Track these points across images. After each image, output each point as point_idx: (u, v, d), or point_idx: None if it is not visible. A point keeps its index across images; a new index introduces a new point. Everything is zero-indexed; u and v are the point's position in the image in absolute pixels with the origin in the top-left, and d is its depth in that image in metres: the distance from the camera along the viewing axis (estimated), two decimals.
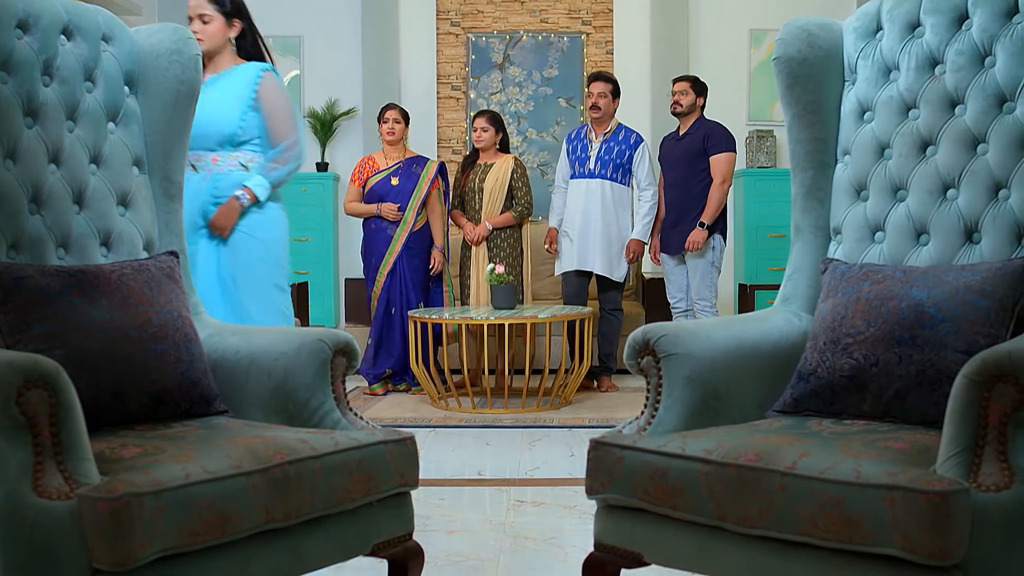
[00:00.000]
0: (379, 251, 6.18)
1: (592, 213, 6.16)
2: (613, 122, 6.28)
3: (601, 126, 6.26)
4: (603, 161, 6.17)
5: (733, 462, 1.93)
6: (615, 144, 6.19)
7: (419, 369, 5.64)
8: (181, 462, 1.88)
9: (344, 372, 2.44)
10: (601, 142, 6.21)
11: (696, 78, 6.22)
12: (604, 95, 6.20)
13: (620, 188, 6.20)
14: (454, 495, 3.82)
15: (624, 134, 6.25)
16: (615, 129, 6.26)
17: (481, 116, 6.41)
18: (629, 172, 6.23)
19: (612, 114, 6.28)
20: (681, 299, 6.19)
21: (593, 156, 6.20)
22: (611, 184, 6.16)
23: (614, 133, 6.24)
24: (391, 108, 6.37)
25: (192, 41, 2.67)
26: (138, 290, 2.29)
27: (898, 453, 1.89)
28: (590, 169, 6.19)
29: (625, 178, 6.22)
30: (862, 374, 2.20)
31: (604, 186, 6.15)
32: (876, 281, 2.28)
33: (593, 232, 6.15)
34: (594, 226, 6.15)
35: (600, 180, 6.16)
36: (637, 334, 2.35)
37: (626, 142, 6.21)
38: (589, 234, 6.16)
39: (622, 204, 6.21)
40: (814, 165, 2.63)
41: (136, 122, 2.63)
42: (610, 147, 6.18)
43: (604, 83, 6.24)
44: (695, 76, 6.30)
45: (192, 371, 2.32)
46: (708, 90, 6.27)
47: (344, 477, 2.08)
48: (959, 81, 2.43)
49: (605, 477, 2.12)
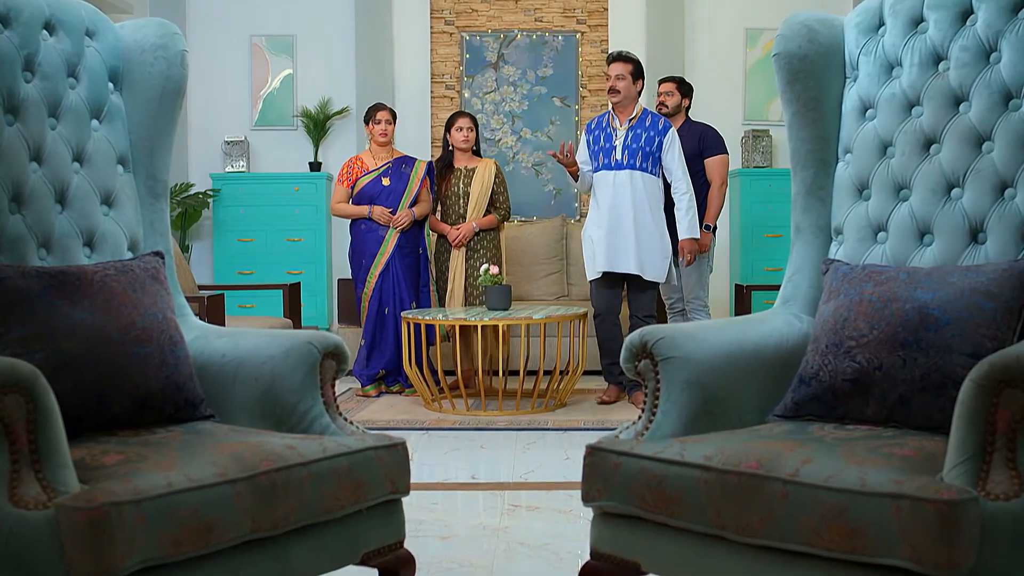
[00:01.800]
0: (371, 252, 6.11)
1: (623, 208, 5.51)
2: (638, 107, 5.63)
3: (624, 112, 5.61)
4: (631, 150, 5.53)
5: (733, 469, 1.88)
6: (642, 131, 5.56)
7: (412, 370, 5.58)
8: (164, 470, 1.82)
9: (334, 376, 2.38)
10: (627, 129, 5.57)
11: (681, 79, 6.16)
12: (623, 77, 5.56)
13: (651, 179, 5.55)
14: (447, 499, 3.76)
15: (651, 120, 5.61)
16: (641, 114, 5.61)
17: (465, 116, 6.28)
18: (659, 161, 5.58)
19: (635, 97, 5.62)
20: (677, 299, 6.13)
21: (619, 145, 5.56)
22: (642, 175, 5.52)
23: (640, 119, 5.59)
24: (382, 108, 6.27)
25: (178, 36, 2.61)
26: (121, 291, 2.23)
27: (904, 460, 1.83)
28: (617, 160, 5.55)
29: (655, 168, 5.57)
30: (865, 378, 2.14)
31: (635, 177, 5.51)
32: (879, 282, 2.23)
33: (625, 229, 5.50)
34: (626, 222, 5.50)
35: (630, 171, 5.51)
36: (634, 337, 2.29)
37: (654, 128, 5.58)
38: (621, 231, 5.51)
39: (655, 196, 5.57)
40: (815, 164, 2.58)
41: (120, 119, 2.57)
42: (637, 134, 5.55)
43: (623, 63, 5.59)
44: (680, 77, 6.22)
45: (177, 375, 2.26)
46: (694, 91, 6.22)
47: (333, 484, 2.02)
48: (963, 78, 2.38)
49: (601, 484, 2.07)
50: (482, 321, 5.27)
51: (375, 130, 6.19)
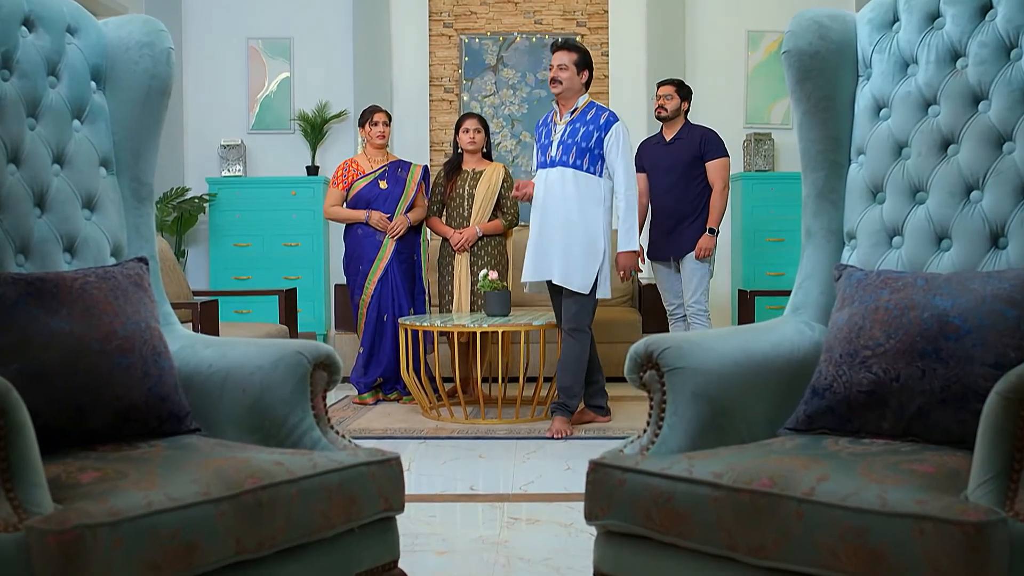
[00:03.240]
0: (368, 257, 5.99)
1: (551, 209, 5.01)
2: (582, 100, 5.09)
3: (567, 105, 5.08)
4: (565, 146, 5.01)
5: (745, 487, 1.78)
6: (581, 125, 5.02)
7: (410, 377, 5.47)
8: (143, 488, 1.73)
9: (325, 387, 2.28)
10: (566, 124, 5.06)
11: (681, 81, 6.02)
12: (565, 67, 5.02)
13: (587, 177, 4.98)
14: (445, 512, 3.66)
15: (595, 113, 5.05)
16: (584, 108, 5.07)
17: (472, 118, 6.15)
18: (600, 159, 5.01)
19: (579, 90, 5.07)
20: (679, 305, 6.02)
21: (555, 140, 5.06)
22: (575, 172, 4.96)
23: (582, 113, 5.05)
24: (379, 111, 6.13)
25: (164, 33, 2.51)
26: (102, 299, 2.13)
27: (925, 478, 1.73)
28: (552, 156, 5.04)
29: (594, 166, 4.99)
30: (882, 389, 2.04)
31: (566, 175, 4.97)
32: (896, 289, 2.13)
33: (549, 231, 5.01)
34: (551, 223, 5.01)
35: (561, 168, 4.99)
36: (639, 346, 2.19)
37: (595, 122, 5.01)
38: (545, 235, 5.03)
39: (590, 197, 4.99)
40: (826, 165, 2.48)
41: (104, 119, 2.47)
42: (575, 128, 5.01)
43: (567, 52, 5.05)
44: (680, 80, 6.10)
45: (160, 386, 2.16)
46: (693, 94, 6.10)
47: (323, 502, 1.93)
48: (983, 75, 2.28)
49: (605, 501, 1.97)
50: (481, 328, 5.17)
51: (372, 132, 6.06)
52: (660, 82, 6.07)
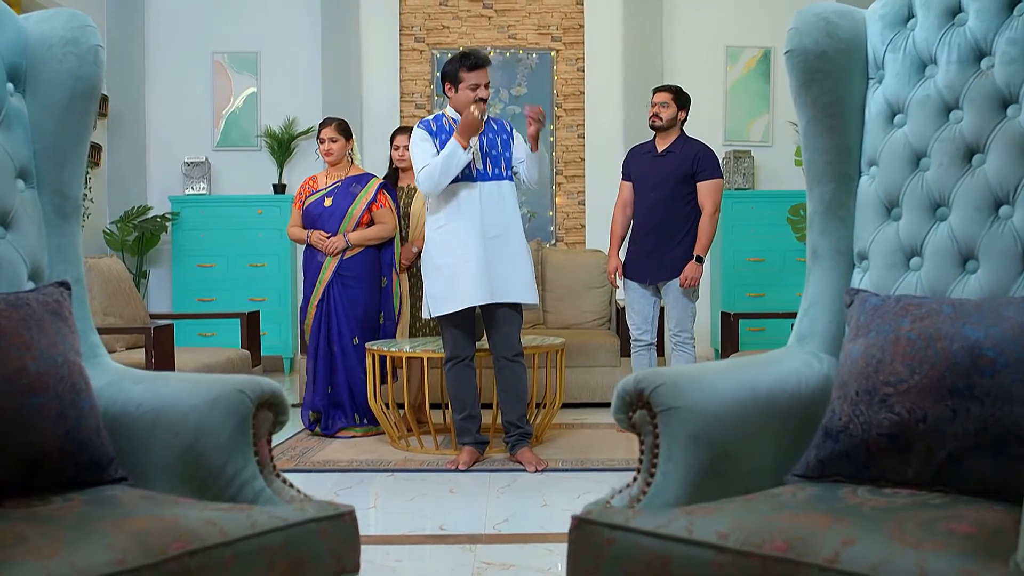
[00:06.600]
0: (311, 280, 5.61)
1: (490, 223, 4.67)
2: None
3: None
4: (492, 157, 4.72)
5: (756, 551, 1.52)
6: (495, 135, 4.76)
7: (377, 404, 5.16)
8: (43, 558, 1.45)
9: (270, 430, 2.00)
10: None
11: (679, 88, 5.59)
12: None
13: (509, 185, 4.73)
14: (413, 555, 3.37)
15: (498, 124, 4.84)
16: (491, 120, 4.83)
17: (403, 134, 5.72)
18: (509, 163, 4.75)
19: None
20: (646, 331, 5.56)
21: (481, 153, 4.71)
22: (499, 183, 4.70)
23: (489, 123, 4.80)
24: (326, 125, 5.63)
25: (92, 29, 2.22)
26: (12, 331, 1.84)
27: (967, 540, 1.48)
28: (479, 169, 4.67)
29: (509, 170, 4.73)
30: (906, 432, 1.79)
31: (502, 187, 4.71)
32: (918, 317, 1.87)
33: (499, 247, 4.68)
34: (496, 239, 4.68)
35: (497, 182, 4.70)
36: (628, 383, 1.92)
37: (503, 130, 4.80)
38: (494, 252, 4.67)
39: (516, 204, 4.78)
40: (834, 178, 2.22)
41: (22, 126, 2.17)
42: (492, 139, 4.74)
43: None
44: (678, 87, 5.63)
45: (80, 430, 1.88)
46: (691, 103, 5.65)
47: (263, 567, 1.65)
48: (1012, 76, 2.03)
49: (591, 564, 1.70)
50: (414, 352, 4.89)
51: (320, 149, 5.67)
52: (656, 88, 5.63)
